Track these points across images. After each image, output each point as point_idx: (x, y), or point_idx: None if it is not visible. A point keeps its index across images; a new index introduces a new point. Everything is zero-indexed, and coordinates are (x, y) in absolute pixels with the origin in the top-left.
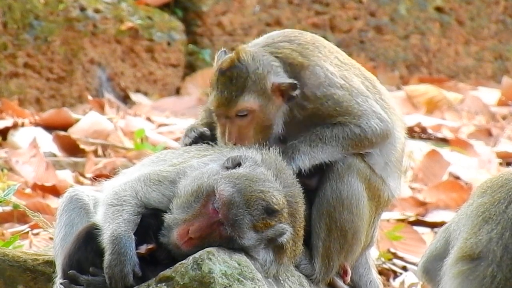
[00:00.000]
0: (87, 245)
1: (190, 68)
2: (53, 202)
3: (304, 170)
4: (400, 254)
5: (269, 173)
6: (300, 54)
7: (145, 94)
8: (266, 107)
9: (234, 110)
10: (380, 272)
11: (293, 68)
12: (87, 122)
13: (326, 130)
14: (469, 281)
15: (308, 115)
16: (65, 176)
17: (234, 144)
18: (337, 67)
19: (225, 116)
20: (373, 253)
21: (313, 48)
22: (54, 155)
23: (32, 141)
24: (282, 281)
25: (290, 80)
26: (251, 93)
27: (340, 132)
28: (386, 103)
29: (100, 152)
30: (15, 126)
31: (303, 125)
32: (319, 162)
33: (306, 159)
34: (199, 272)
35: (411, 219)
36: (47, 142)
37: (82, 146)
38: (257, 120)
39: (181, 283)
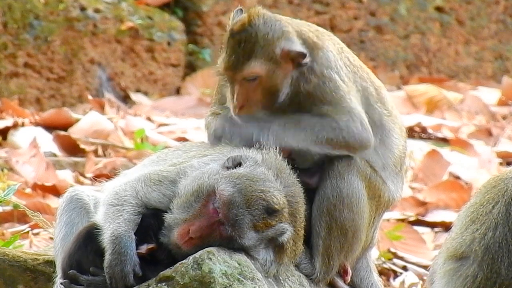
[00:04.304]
0: (87, 245)
1: (190, 68)
2: (53, 202)
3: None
4: (400, 254)
5: (270, 173)
6: (316, 36)
7: (145, 94)
8: (274, 72)
9: (241, 75)
10: (380, 272)
11: (307, 44)
12: (87, 122)
13: (304, 116)
14: (453, 281)
15: (308, 91)
16: (65, 176)
17: (241, 107)
18: (345, 66)
19: (232, 80)
20: (373, 253)
21: (328, 39)
22: (54, 155)
23: (32, 141)
24: (282, 281)
25: (300, 48)
26: (258, 58)
27: (317, 122)
28: (388, 110)
29: (100, 152)
30: (15, 126)
31: (298, 111)
32: (287, 146)
33: (272, 138)
34: (199, 272)
35: (411, 219)
36: (47, 142)
37: (82, 146)
38: (265, 84)
39: (181, 283)
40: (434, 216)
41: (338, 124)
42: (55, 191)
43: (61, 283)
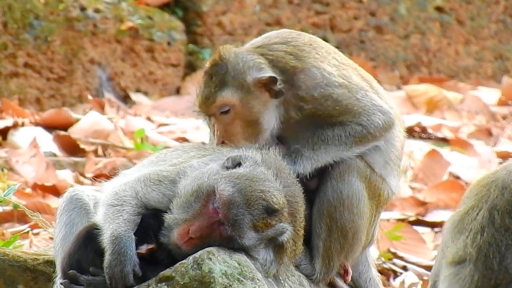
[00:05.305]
0: (87, 245)
1: (190, 68)
2: (53, 202)
3: (307, 175)
4: (400, 254)
5: (269, 173)
6: (295, 57)
7: (145, 94)
8: (248, 102)
9: (214, 106)
10: (380, 272)
11: (284, 71)
12: (87, 122)
13: (327, 131)
14: (453, 284)
15: (307, 116)
16: (65, 176)
17: (222, 143)
18: (335, 67)
19: (208, 114)
20: (373, 253)
21: (310, 50)
22: (54, 155)
23: (32, 141)
24: (282, 281)
25: (269, 74)
26: (229, 88)
27: (342, 132)
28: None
29: (100, 152)
30: (15, 126)
31: (303, 125)
32: (323, 164)
33: (308, 164)
34: (199, 271)
35: (411, 219)
36: (47, 142)
37: (82, 146)
38: (241, 115)
39: (181, 283)
40: (434, 216)
41: (362, 125)
42: (55, 191)
43: (61, 283)
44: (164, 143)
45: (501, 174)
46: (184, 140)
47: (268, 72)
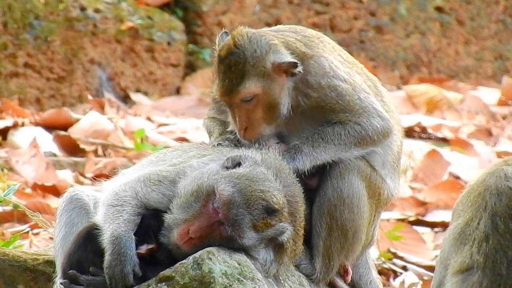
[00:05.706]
0: (87, 245)
1: (190, 68)
2: (53, 202)
3: (305, 171)
4: (400, 254)
5: (269, 173)
6: (305, 45)
7: (145, 94)
8: (269, 87)
9: (238, 98)
10: (380, 272)
11: (296, 55)
12: (87, 122)
13: (327, 129)
14: None
15: (311, 106)
16: (65, 176)
17: (245, 130)
18: (340, 63)
19: (231, 104)
20: (373, 253)
21: (318, 42)
22: (54, 155)
23: (32, 141)
24: (282, 281)
25: (290, 58)
26: (251, 77)
27: (342, 130)
28: (386, 104)
29: (100, 152)
30: (15, 126)
31: (306, 119)
32: (321, 162)
33: (307, 160)
34: (199, 271)
35: (411, 219)
36: (47, 142)
37: (82, 146)
38: (263, 101)
39: (181, 283)
40: (434, 216)
41: (361, 125)
42: (55, 191)
43: (61, 283)
44: (164, 143)
45: (492, 181)
46: (184, 140)
47: (287, 56)
